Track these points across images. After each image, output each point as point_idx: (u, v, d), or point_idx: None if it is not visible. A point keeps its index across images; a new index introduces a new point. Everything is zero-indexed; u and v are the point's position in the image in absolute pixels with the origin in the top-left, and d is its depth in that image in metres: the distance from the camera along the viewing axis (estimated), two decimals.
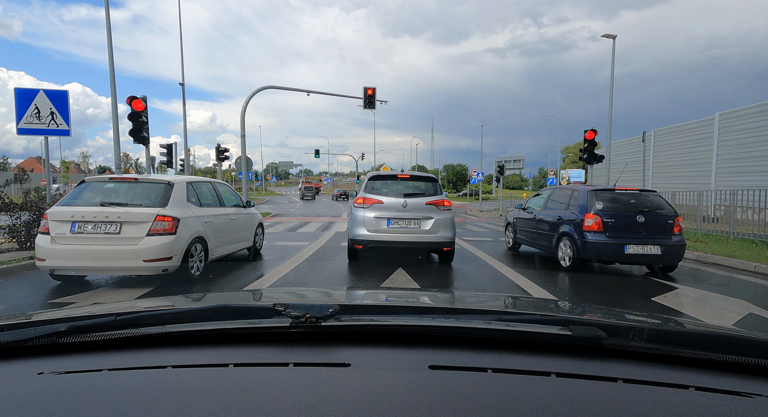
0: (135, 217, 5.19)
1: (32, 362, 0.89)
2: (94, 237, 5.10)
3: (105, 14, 9.46)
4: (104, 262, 5.10)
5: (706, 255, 8.22)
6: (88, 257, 5.07)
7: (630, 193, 6.92)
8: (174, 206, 5.49)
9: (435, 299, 1.73)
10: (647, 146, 18.14)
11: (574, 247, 6.77)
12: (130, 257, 5.07)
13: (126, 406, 0.69)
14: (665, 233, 6.56)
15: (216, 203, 6.75)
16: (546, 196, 8.48)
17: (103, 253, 5.07)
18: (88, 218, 5.13)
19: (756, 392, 0.77)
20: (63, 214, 5.15)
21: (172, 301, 1.44)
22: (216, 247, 6.37)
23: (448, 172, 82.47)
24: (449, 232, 6.94)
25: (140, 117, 9.68)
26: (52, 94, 7.89)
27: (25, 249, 7.63)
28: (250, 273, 6.50)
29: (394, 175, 7.35)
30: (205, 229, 5.99)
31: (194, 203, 6.01)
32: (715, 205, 12.91)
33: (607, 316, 1.29)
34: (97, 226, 5.11)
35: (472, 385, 0.77)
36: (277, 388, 0.74)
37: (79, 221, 5.12)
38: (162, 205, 5.39)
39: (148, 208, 5.33)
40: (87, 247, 5.07)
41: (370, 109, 17.15)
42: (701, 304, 5.03)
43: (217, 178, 12.74)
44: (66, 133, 8.01)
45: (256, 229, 8.07)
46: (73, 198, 5.46)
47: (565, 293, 5.56)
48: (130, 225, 5.16)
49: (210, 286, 5.60)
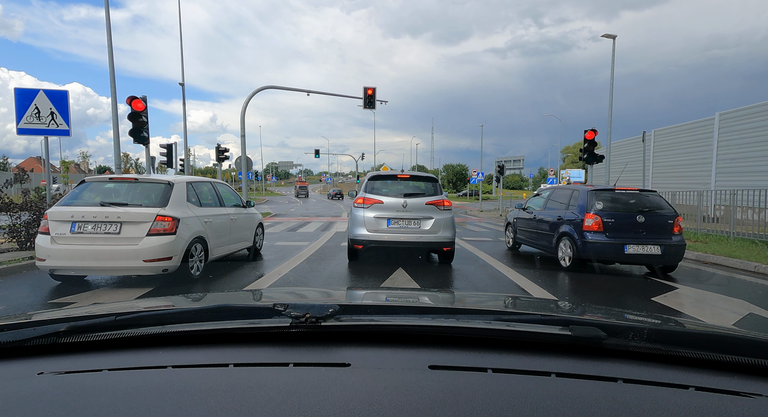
0: (135, 217, 5.17)
1: (32, 362, 0.89)
2: (94, 237, 5.09)
3: (105, 14, 9.47)
4: (104, 262, 5.09)
5: (706, 255, 8.21)
6: (88, 257, 5.05)
7: (630, 193, 6.90)
8: (174, 206, 5.48)
9: (435, 299, 1.72)
10: (647, 146, 18.15)
11: (574, 247, 6.77)
12: (130, 257, 5.06)
13: (126, 406, 0.69)
14: (665, 233, 6.54)
15: (216, 203, 6.74)
16: (546, 196, 8.46)
17: (103, 253, 5.06)
18: (88, 218, 5.11)
19: (756, 392, 0.77)
20: (63, 214, 5.14)
21: (172, 301, 1.44)
22: (216, 247, 6.35)
23: (448, 172, 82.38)
24: (449, 232, 6.91)
25: (140, 117, 9.67)
26: (52, 94, 7.89)
27: (24, 249, 7.64)
28: (250, 273, 6.49)
29: (394, 175, 7.34)
30: (205, 229, 5.98)
31: (194, 203, 6.01)
32: (715, 205, 12.91)
33: (607, 316, 1.28)
34: (97, 226, 5.10)
35: (472, 385, 0.77)
36: (277, 388, 0.74)
37: (79, 221, 5.11)
38: (162, 205, 5.38)
39: (148, 208, 5.32)
40: (87, 247, 5.06)
41: (370, 109, 17.13)
42: (701, 304, 5.02)
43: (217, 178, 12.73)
44: (66, 133, 8.01)
45: (256, 229, 8.07)
46: (73, 198, 5.45)
47: (565, 293, 5.55)
48: (130, 225, 5.15)
49: (209, 286, 5.60)
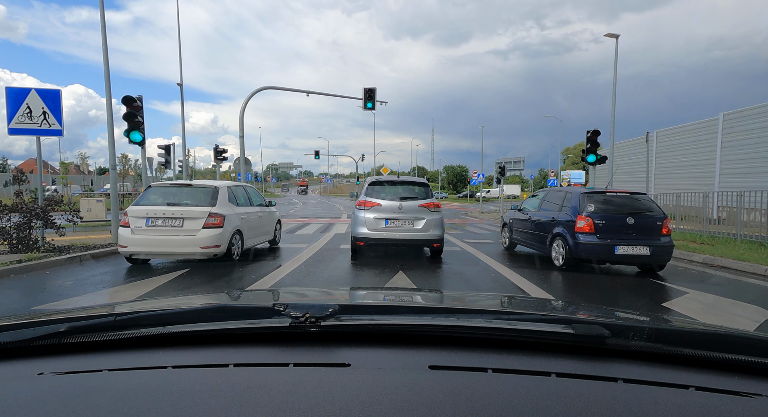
0: (193, 214, 6.62)
1: (32, 362, 0.89)
2: (163, 229, 6.56)
3: (100, 12, 9.28)
4: (171, 248, 6.55)
5: (714, 258, 8.02)
6: (159, 245, 6.50)
7: (621, 196, 7.10)
8: (221, 205, 6.92)
9: (435, 299, 1.70)
10: (649, 147, 17.94)
11: (566, 247, 6.95)
12: (191, 245, 6.52)
13: (126, 406, 0.69)
14: (654, 234, 6.72)
15: (247, 203, 8.12)
16: (541, 197, 8.60)
17: (170, 242, 6.52)
18: (158, 215, 6.57)
19: (756, 392, 0.76)
20: (139, 212, 6.60)
21: (172, 301, 1.44)
22: (249, 239, 7.76)
23: (448, 173, 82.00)
24: (439, 230, 7.72)
25: (135, 117, 9.50)
26: (44, 94, 7.70)
27: (15, 252, 7.43)
28: (250, 274, 6.45)
29: (391, 180, 8.19)
30: (241, 224, 7.38)
31: (233, 203, 7.41)
32: (719, 206, 12.71)
33: (608, 316, 1.29)
34: (165, 221, 6.58)
35: (472, 385, 0.76)
36: (277, 389, 0.74)
37: (152, 217, 6.57)
38: (212, 205, 6.83)
39: (202, 207, 6.75)
40: (158, 236, 6.51)
41: (370, 109, 16.97)
42: (715, 311, 4.82)
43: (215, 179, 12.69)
44: (59, 133, 7.82)
45: (275, 225, 9.43)
46: (144, 199, 6.88)
47: (570, 297, 5.37)
48: (190, 220, 6.59)
49: (211, 287, 5.68)
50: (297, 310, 0.95)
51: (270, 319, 0.99)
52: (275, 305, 1.00)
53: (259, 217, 8.41)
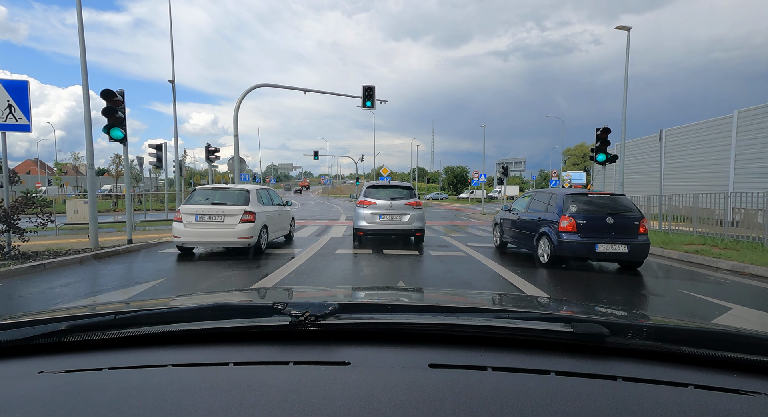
0: (232, 211, 8.18)
1: (32, 361, 0.88)
2: (208, 223, 8.15)
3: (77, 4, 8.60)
4: (215, 238, 8.14)
5: (743, 265, 7.34)
6: (205, 235, 8.13)
7: (601, 197, 7.59)
8: (252, 205, 8.49)
9: (434, 297, 1.73)
10: (660, 147, 17.25)
11: (551, 245, 7.35)
12: (230, 236, 8.07)
13: (126, 404, 0.68)
14: (632, 233, 7.13)
15: (270, 203, 9.71)
16: (530, 198, 9.04)
17: (214, 234, 8.12)
18: (204, 212, 8.18)
19: (756, 390, 0.75)
20: (190, 210, 8.21)
21: (172, 299, 1.44)
22: (272, 232, 9.35)
23: (448, 174, 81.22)
24: (420, 222, 9.94)
25: (116, 113, 8.85)
26: (9, 85, 7.02)
27: None
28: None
29: (384, 185, 10.56)
30: (267, 220, 8.95)
31: (260, 203, 8.97)
32: (733, 208, 12.04)
33: (608, 314, 1.29)
34: (210, 217, 8.17)
35: (471, 383, 0.76)
36: (277, 387, 0.73)
37: (200, 214, 8.17)
38: (246, 204, 8.39)
39: (238, 206, 8.31)
40: (205, 229, 8.12)
41: (369, 108, 16.32)
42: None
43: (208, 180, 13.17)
44: (26, 128, 7.15)
45: (291, 222, 11.33)
46: (192, 200, 8.62)
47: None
48: (229, 216, 8.14)
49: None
50: (297, 308, 0.95)
51: (270, 318, 0.99)
52: (275, 304, 0.99)
53: (279, 214, 10.00)
